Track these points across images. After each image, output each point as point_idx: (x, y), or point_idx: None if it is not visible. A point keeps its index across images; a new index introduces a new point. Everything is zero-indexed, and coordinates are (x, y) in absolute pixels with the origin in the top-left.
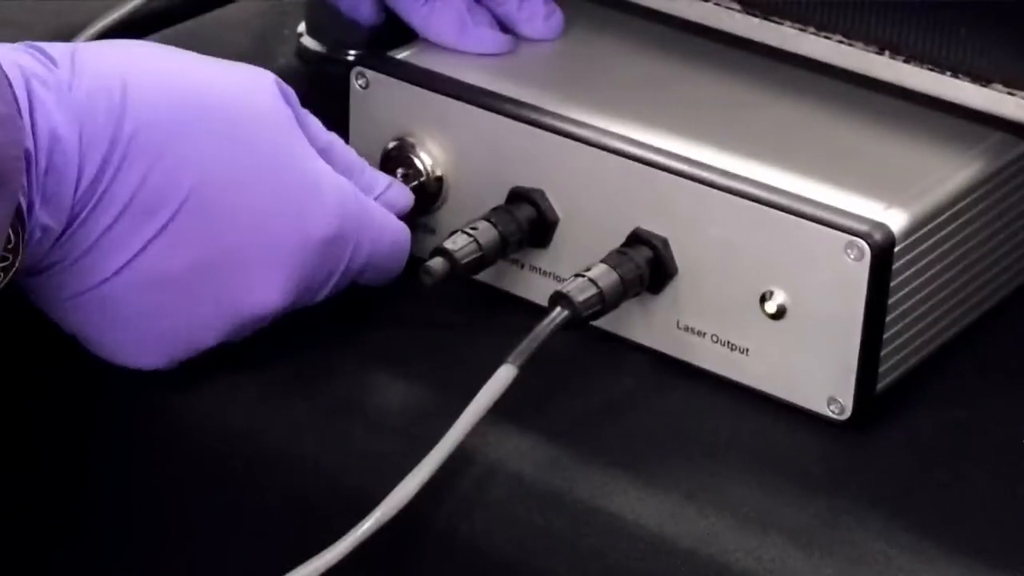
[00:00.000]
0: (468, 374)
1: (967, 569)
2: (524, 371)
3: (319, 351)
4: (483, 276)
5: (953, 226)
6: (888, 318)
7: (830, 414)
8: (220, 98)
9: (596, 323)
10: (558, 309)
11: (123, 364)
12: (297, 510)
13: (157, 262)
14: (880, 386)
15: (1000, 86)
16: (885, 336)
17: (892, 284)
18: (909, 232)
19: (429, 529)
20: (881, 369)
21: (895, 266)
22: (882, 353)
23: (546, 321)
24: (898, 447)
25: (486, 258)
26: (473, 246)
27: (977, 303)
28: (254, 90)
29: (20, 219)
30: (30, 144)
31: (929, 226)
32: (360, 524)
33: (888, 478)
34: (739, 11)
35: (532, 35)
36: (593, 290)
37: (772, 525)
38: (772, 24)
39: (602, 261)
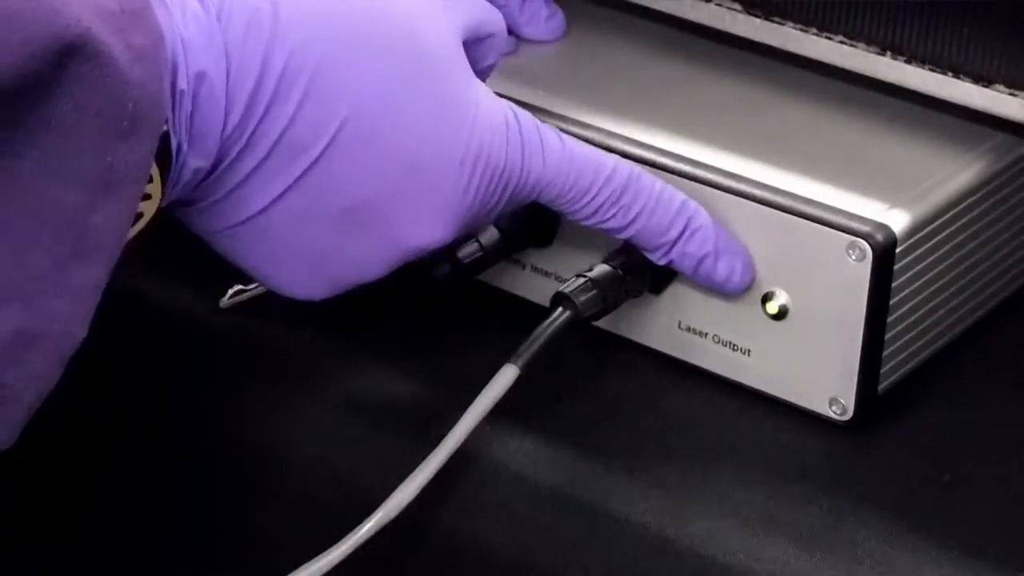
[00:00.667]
0: (470, 374)
1: (969, 570)
2: (526, 371)
3: (322, 351)
4: (485, 276)
5: (955, 227)
6: (890, 319)
7: (832, 415)
8: (376, 7)
9: (598, 323)
10: (560, 309)
11: (282, 293)
12: (302, 509)
13: (309, 200)
14: (882, 387)
15: (1002, 87)
16: (887, 337)
17: (894, 285)
18: (911, 233)
19: (431, 530)
20: (883, 370)
21: (897, 267)
22: (884, 354)
23: (548, 321)
24: (900, 448)
25: (488, 258)
26: (475, 246)
27: (979, 304)
28: None
29: (166, 159)
30: (183, 84)
31: (931, 227)
32: (361, 525)
33: (890, 479)
34: (741, 12)
35: (533, 36)
36: (594, 290)
37: (774, 526)
38: (774, 25)
39: (604, 261)
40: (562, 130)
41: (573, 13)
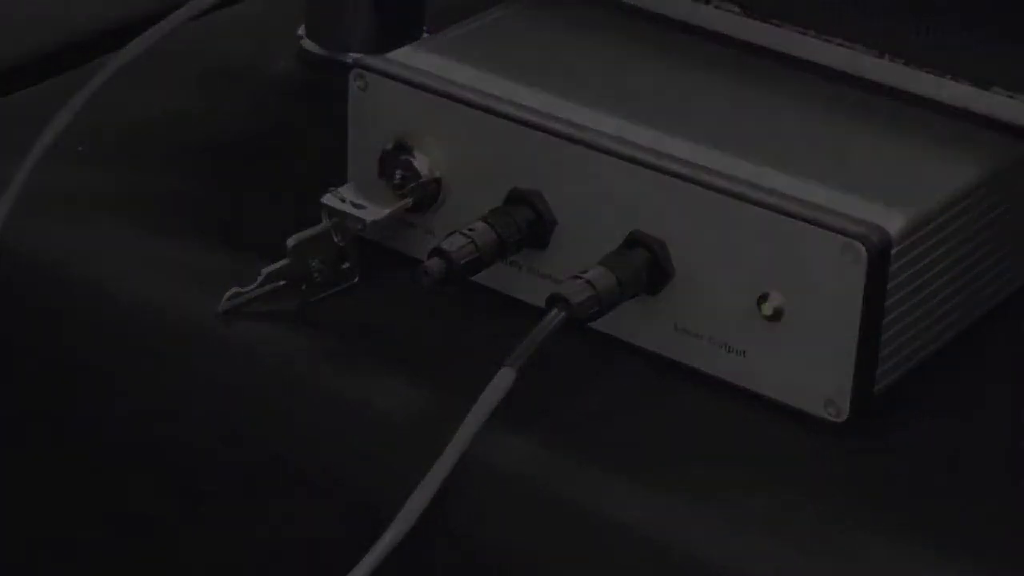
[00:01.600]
0: (467, 375)
1: (966, 572)
2: (522, 373)
3: (319, 353)
4: (481, 278)
5: (951, 229)
6: (885, 320)
7: (827, 416)
8: None
9: (594, 325)
10: (555, 311)
11: None
12: (301, 511)
13: None
14: (877, 388)
15: (1001, 89)
16: (882, 338)
17: (889, 287)
18: (906, 235)
19: (428, 532)
20: (878, 371)
21: (892, 268)
22: (879, 355)
23: (544, 323)
24: (896, 449)
25: (484, 259)
26: (471, 247)
27: (975, 306)
28: None
29: None
30: None
31: (926, 229)
32: (378, 543)
33: (885, 481)
34: (740, 14)
35: None
36: (590, 292)
37: (770, 528)
38: (773, 27)
39: (600, 263)
40: (558, 132)
41: (572, 15)
